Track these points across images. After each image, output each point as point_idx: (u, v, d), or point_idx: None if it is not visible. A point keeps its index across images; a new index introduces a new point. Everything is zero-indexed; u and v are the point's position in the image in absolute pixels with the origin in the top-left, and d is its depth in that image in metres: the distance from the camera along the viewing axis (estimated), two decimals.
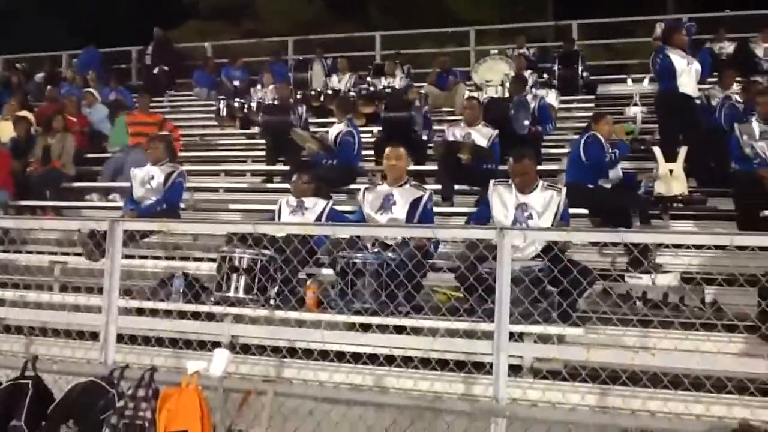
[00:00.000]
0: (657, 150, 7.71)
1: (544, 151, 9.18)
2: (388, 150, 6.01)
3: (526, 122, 8.69)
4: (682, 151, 7.50)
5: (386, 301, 4.63)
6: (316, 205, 6.48)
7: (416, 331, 4.11)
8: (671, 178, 7.46)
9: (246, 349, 4.66)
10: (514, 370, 4.39)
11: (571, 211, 6.98)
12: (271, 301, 5.24)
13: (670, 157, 7.48)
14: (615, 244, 6.01)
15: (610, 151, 6.94)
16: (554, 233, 4.16)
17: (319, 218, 6.39)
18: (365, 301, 4.77)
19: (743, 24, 13.36)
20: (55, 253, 7.01)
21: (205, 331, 4.40)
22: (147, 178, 7.18)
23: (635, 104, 10.59)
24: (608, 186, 6.91)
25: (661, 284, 5.59)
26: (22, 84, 15.01)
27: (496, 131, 7.79)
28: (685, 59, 8.03)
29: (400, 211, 5.71)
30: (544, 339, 4.42)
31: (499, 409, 3.23)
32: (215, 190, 9.52)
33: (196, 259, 6.46)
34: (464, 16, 18.41)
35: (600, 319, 4.71)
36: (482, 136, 7.71)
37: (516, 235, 3.46)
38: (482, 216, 5.68)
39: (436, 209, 7.46)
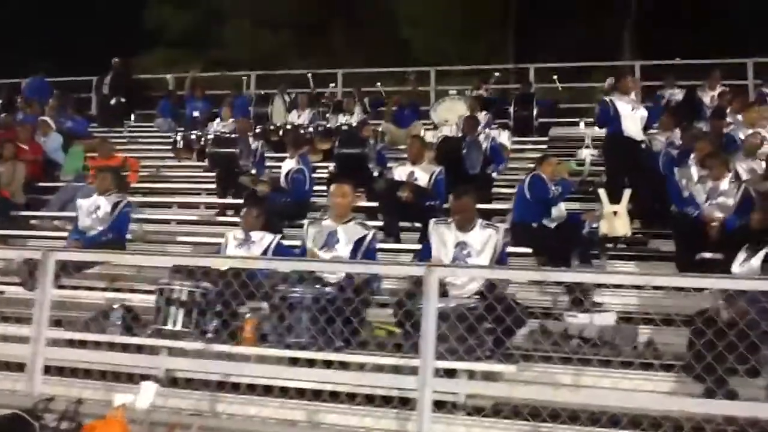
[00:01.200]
0: (602, 191, 7.90)
1: (495, 190, 9.34)
2: (333, 187, 6.06)
3: (478, 162, 8.87)
4: (626, 193, 7.69)
5: (315, 336, 4.62)
6: (263, 239, 6.49)
7: (347, 366, 4.12)
8: (615, 219, 7.66)
9: (178, 383, 4.62)
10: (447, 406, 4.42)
11: (516, 249, 7.18)
12: (209, 335, 5.20)
13: (615, 199, 7.69)
14: (558, 283, 6.12)
15: (553, 188, 7.12)
16: (479, 271, 4.20)
17: (265, 252, 6.38)
18: (299, 335, 4.75)
19: (693, 72, 13.85)
20: None
21: (135, 363, 4.32)
22: (93, 208, 7.13)
23: (587, 146, 10.84)
24: (552, 225, 7.04)
25: (598, 324, 5.67)
26: None
27: (440, 168, 7.91)
28: (629, 104, 8.28)
29: (343, 249, 5.69)
30: (484, 376, 4.49)
31: None
32: (167, 222, 9.44)
33: (140, 291, 6.38)
34: (426, 56, 18.70)
35: (535, 357, 4.83)
36: (425, 173, 7.82)
37: (445, 272, 3.49)
38: (426, 254, 5.75)
39: (382, 245, 7.56)
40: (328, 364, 4.21)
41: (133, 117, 15.64)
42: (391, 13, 21.76)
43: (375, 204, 8.48)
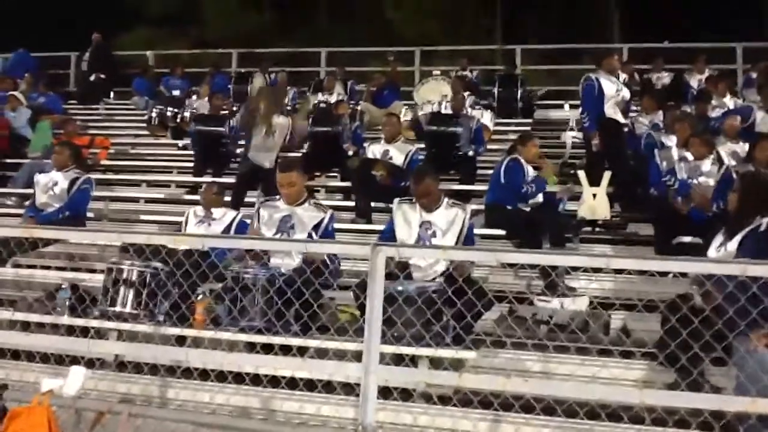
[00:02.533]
0: (581, 174, 7.68)
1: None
2: (279, 176, 5.44)
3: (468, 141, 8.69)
4: (606, 175, 7.48)
5: (273, 320, 4.37)
6: (224, 215, 6.25)
7: (303, 351, 3.89)
8: (594, 203, 7.46)
9: (127, 366, 4.39)
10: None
11: (490, 232, 6.96)
12: (160, 317, 4.95)
13: (595, 182, 7.48)
14: (532, 267, 5.90)
15: (528, 182, 6.80)
16: (431, 251, 3.96)
17: (227, 230, 6.16)
18: (251, 318, 4.50)
19: (681, 55, 13.64)
20: None
21: (63, 347, 4.05)
22: (51, 184, 6.85)
23: (571, 129, 10.60)
24: (527, 208, 6.80)
25: (570, 309, 5.45)
26: None
27: (415, 147, 7.67)
28: (614, 85, 8.03)
29: (299, 236, 5.25)
30: (438, 363, 4.26)
31: None
32: (135, 200, 9.17)
33: (93, 271, 6.10)
34: (412, 35, 18.39)
35: (501, 343, 4.61)
36: (400, 152, 7.57)
37: (391, 252, 3.24)
38: (387, 234, 5.50)
39: (354, 226, 7.34)
40: (286, 350, 3.98)
41: (112, 95, 15.34)
42: None
43: (349, 184, 8.25)
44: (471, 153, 8.96)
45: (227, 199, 7.03)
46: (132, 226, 7.91)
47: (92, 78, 14.97)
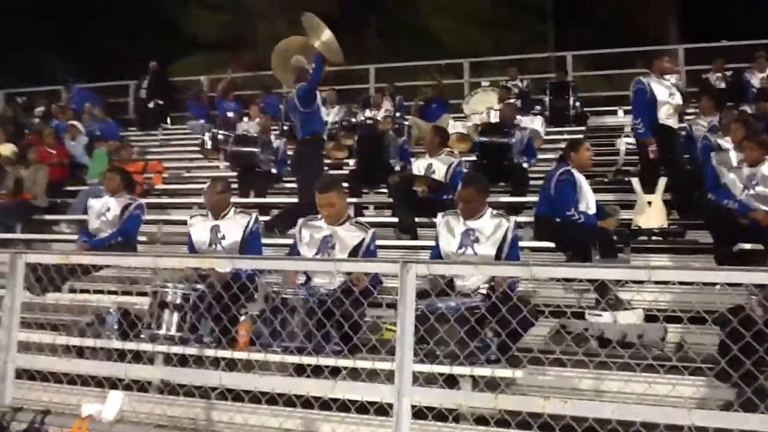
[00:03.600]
0: (635, 181, 7.44)
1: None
2: (318, 197, 5.35)
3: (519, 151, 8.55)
4: (662, 182, 7.22)
5: (320, 341, 4.31)
6: (233, 231, 5.80)
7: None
8: (650, 210, 7.20)
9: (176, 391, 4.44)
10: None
11: (539, 244, 6.75)
12: (206, 340, 4.96)
13: (650, 189, 7.21)
14: (582, 280, 5.69)
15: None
16: (463, 267, 3.84)
17: (242, 239, 5.79)
18: (291, 339, 4.46)
19: (741, 53, 13.12)
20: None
21: (101, 371, 4.10)
22: (103, 209, 6.98)
23: (626, 135, 10.29)
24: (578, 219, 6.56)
25: (623, 323, 5.23)
26: (18, 117, 15.06)
27: (458, 159, 7.55)
28: (667, 88, 7.74)
29: (339, 257, 5.16)
30: (487, 383, 4.13)
31: None
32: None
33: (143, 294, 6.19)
34: (460, 47, 18.30)
35: (554, 360, 4.43)
36: (443, 164, 7.46)
37: (422, 269, 3.16)
38: (436, 251, 5.44)
39: (399, 243, 7.26)
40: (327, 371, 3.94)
41: (169, 120, 15.77)
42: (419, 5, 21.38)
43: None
44: (525, 165, 8.80)
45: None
46: (180, 249, 8.02)
47: (150, 105, 15.42)
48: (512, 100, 10.71)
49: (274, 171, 9.30)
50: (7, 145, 10.95)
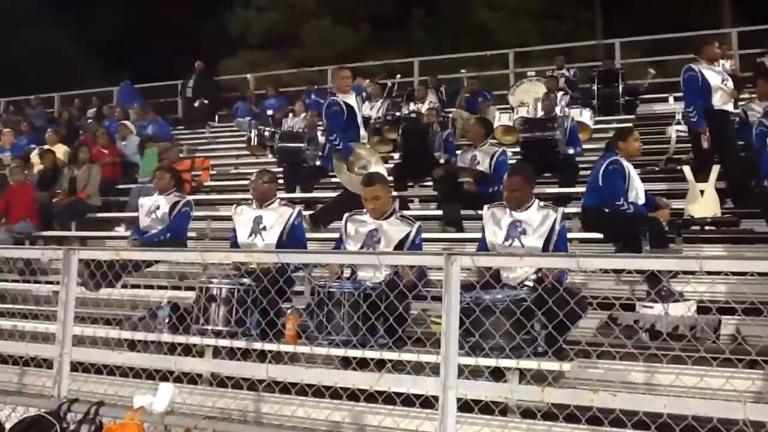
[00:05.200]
0: (687, 169, 7.24)
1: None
2: (364, 191, 5.40)
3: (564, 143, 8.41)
4: (715, 169, 7.01)
5: (366, 334, 4.32)
6: (275, 222, 5.87)
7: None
8: (702, 200, 7.00)
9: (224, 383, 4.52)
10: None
11: (588, 235, 6.63)
12: (253, 333, 5.02)
13: (703, 177, 7.01)
14: (631, 271, 5.56)
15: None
16: (508, 259, 3.79)
17: (285, 231, 5.83)
18: (338, 332, 4.47)
19: None
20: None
21: (151, 364, 4.19)
22: (153, 207, 7.14)
23: (678, 123, 10.02)
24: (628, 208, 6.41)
25: (675, 314, 5.10)
26: (72, 119, 15.50)
27: (501, 149, 7.46)
28: (719, 74, 7.50)
29: (384, 250, 5.17)
30: (534, 376, 4.09)
31: None
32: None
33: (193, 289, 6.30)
34: (506, 37, 18.09)
35: (604, 352, 4.35)
36: (486, 155, 7.39)
37: (466, 261, 3.13)
38: (483, 243, 5.38)
39: (443, 236, 7.23)
40: (372, 363, 3.94)
41: (216, 118, 16.01)
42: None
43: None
44: (571, 152, 8.64)
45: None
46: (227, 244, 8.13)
47: (197, 104, 15.68)
48: (560, 93, 10.50)
49: (320, 164, 9.34)
50: (61, 147, 11.27)
